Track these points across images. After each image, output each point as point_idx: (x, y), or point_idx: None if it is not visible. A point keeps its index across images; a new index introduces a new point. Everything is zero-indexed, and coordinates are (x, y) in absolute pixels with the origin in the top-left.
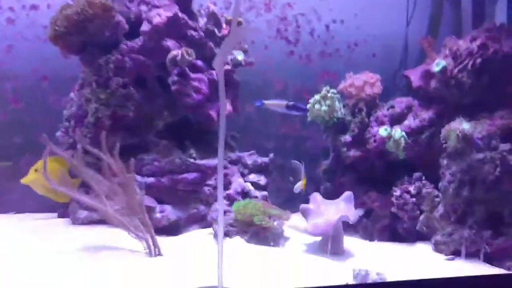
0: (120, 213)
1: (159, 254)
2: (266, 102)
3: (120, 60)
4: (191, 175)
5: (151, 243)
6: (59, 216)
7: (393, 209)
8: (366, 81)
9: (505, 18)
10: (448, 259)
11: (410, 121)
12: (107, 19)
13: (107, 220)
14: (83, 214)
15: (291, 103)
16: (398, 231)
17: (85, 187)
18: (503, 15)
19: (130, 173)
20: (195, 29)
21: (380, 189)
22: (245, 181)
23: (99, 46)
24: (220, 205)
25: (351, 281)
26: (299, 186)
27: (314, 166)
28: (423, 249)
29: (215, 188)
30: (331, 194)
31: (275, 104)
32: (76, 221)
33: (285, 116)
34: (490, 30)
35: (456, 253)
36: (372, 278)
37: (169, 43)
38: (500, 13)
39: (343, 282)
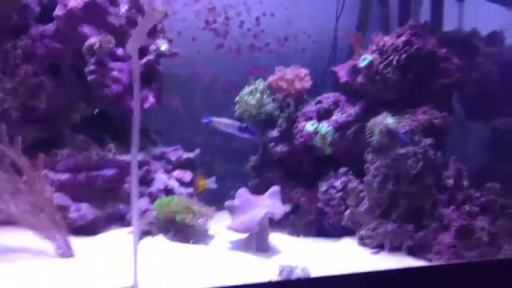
0: (27, 213)
1: (71, 255)
2: (215, 119)
3: (30, 45)
4: (109, 172)
5: (62, 244)
6: None
7: (320, 205)
8: (295, 75)
9: (429, 17)
10: (373, 253)
11: (337, 116)
12: (13, 1)
13: (12, 220)
14: None
15: (244, 125)
16: (324, 227)
17: None
18: (427, 14)
19: (38, 170)
20: (115, 16)
21: (307, 184)
22: (169, 178)
23: (5, 31)
24: (134, 200)
25: (276, 278)
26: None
27: (243, 162)
28: (349, 243)
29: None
30: (259, 190)
31: (225, 123)
32: None
33: (213, 112)
34: (415, 27)
35: (380, 247)
36: (297, 274)
37: (86, 29)
38: (425, 12)
39: (267, 279)
